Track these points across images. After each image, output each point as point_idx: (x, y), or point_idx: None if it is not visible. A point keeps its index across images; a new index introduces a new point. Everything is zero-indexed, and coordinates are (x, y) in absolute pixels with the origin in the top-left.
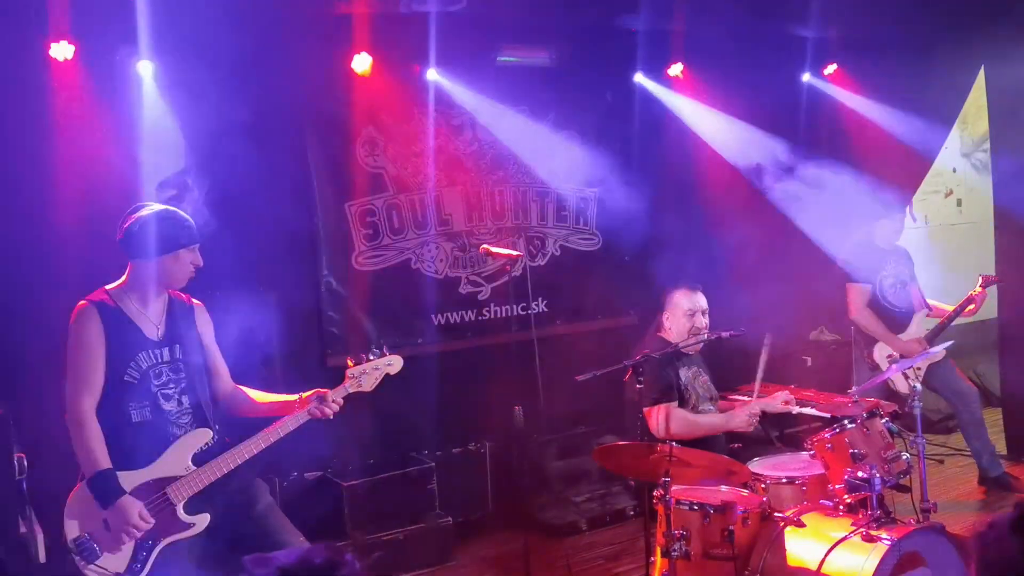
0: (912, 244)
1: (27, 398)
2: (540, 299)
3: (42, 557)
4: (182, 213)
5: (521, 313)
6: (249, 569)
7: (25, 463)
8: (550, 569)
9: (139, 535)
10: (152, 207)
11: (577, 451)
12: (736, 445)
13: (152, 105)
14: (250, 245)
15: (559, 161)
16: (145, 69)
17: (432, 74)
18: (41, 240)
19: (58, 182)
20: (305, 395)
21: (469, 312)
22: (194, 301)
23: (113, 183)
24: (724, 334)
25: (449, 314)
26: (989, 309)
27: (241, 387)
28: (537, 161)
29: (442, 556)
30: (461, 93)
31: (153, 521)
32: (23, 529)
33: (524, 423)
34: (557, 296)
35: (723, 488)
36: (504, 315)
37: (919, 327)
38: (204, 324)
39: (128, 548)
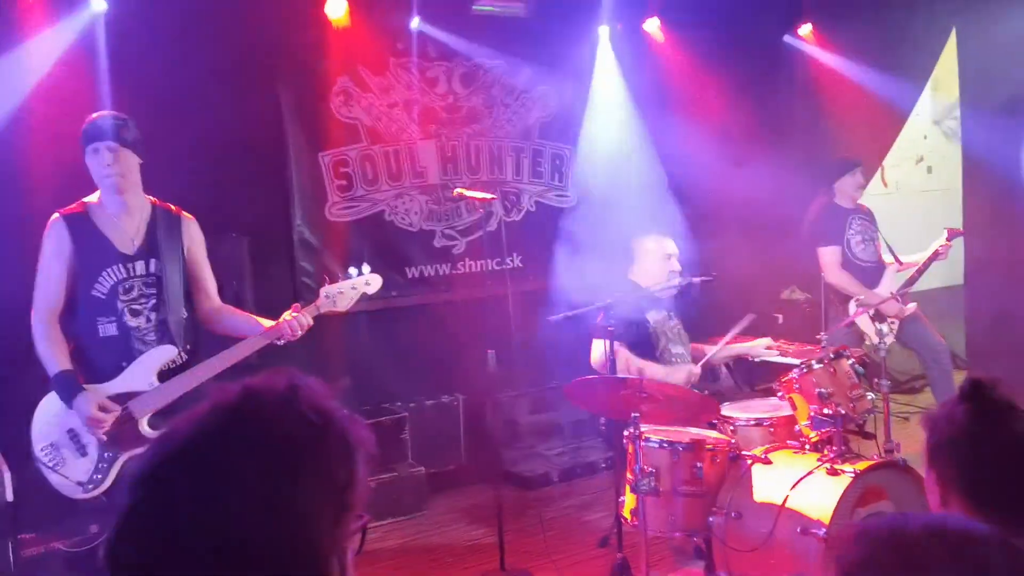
0: (883, 210)
1: None
2: (515, 255)
3: (9, 496)
4: (101, 114)
5: (496, 268)
6: (214, 392)
7: None
8: (522, 518)
9: (103, 428)
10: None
11: (549, 406)
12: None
13: (123, 48)
14: (223, 194)
15: (535, 117)
16: (109, 9)
17: (407, 23)
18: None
19: (23, 116)
20: (287, 316)
21: (443, 266)
22: (184, 214)
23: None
24: (696, 279)
25: (423, 267)
26: (955, 275)
27: (229, 306)
28: (513, 116)
29: (415, 505)
30: (437, 45)
31: (118, 409)
32: None
33: (498, 372)
34: (532, 252)
35: (692, 429)
36: (479, 269)
37: (891, 281)
38: (192, 237)
39: (91, 459)
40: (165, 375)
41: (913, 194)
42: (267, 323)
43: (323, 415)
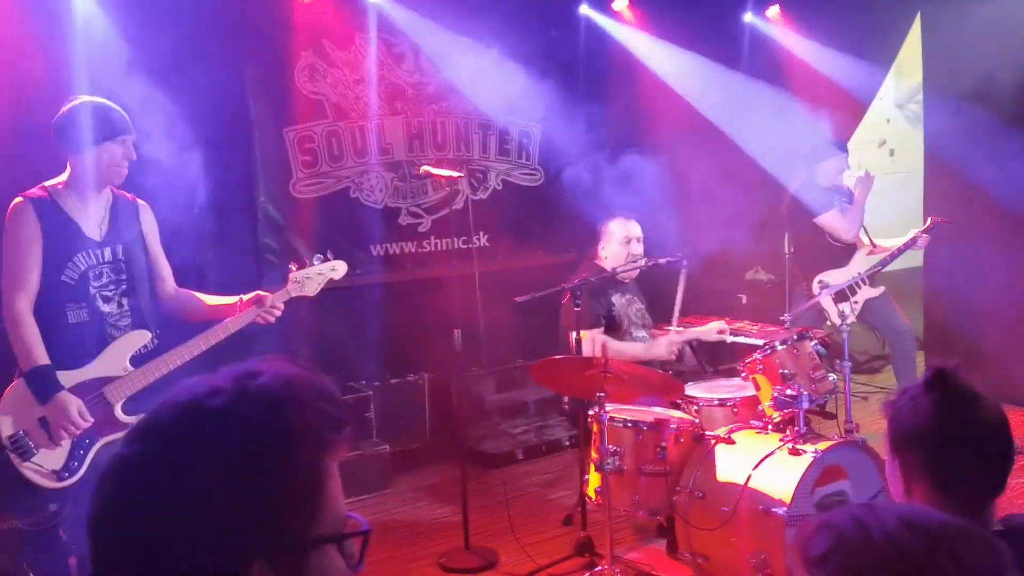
0: None
1: None
2: (481, 233)
3: None
4: (112, 104)
5: (462, 247)
6: (190, 384)
7: None
8: (486, 496)
9: (78, 432)
10: (83, 99)
11: (515, 385)
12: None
13: (83, 19)
14: (185, 170)
15: (502, 94)
16: None
17: None
18: None
19: None
20: (246, 297)
21: (409, 244)
22: (139, 200)
23: (44, 95)
24: (661, 260)
25: (389, 245)
26: (915, 257)
27: (185, 290)
28: (480, 93)
29: (379, 483)
30: (403, 20)
31: (92, 419)
32: None
33: (463, 351)
34: (498, 231)
35: (656, 409)
36: (445, 248)
37: (861, 263)
38: (148, 224)
39: (65, 446)
40: (137, 360)
41: (875, 176)
42: (224, 300)
43: (296, 410)
